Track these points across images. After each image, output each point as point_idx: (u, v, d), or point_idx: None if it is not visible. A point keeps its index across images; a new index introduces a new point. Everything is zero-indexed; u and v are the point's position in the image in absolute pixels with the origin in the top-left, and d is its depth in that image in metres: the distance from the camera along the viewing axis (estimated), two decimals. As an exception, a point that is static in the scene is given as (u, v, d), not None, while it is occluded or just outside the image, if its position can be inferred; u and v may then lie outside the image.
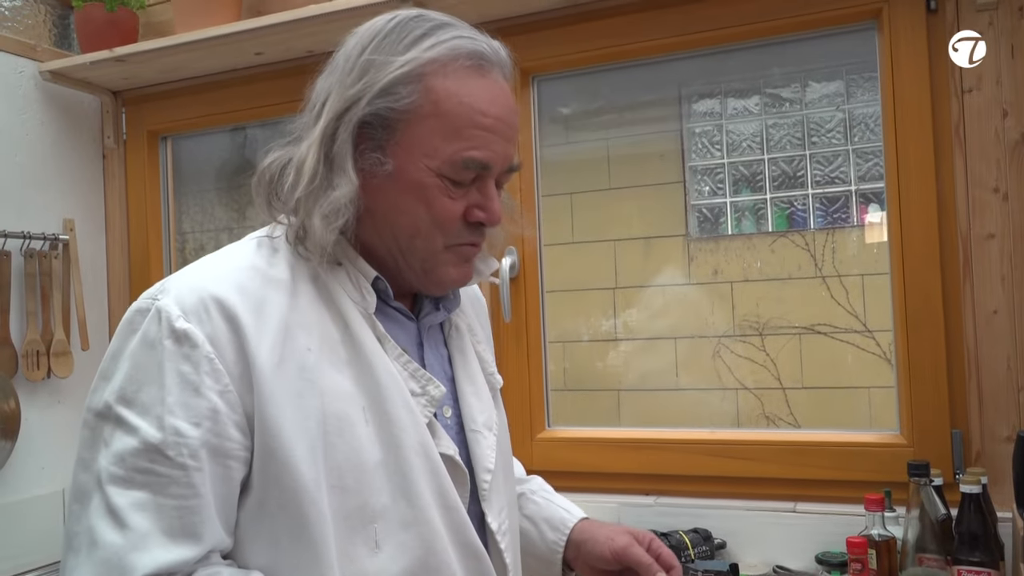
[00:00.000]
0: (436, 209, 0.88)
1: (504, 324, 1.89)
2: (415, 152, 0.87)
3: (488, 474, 0.96)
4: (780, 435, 1.78)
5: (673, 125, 2.31)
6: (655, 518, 1.71)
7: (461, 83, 0.87)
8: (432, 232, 0.89)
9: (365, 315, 0.90)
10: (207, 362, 0.80)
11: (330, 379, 0.85)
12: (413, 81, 0.86)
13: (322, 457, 0.82)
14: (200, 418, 0.79)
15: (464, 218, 0.90)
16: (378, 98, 0.86)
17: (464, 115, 0.87)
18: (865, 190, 2.15)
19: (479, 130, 0.87)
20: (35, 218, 2.08)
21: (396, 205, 0.89)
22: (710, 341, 2.23)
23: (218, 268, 0.87)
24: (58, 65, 2.10)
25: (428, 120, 0.87)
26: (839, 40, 1.80)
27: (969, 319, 1.54)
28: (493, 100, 0.88)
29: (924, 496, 1.40)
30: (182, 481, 0.78)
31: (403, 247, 0.91)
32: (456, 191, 0.89)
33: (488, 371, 1.05)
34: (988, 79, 1.53)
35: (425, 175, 0.87)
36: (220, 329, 0.82)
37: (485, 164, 0.88)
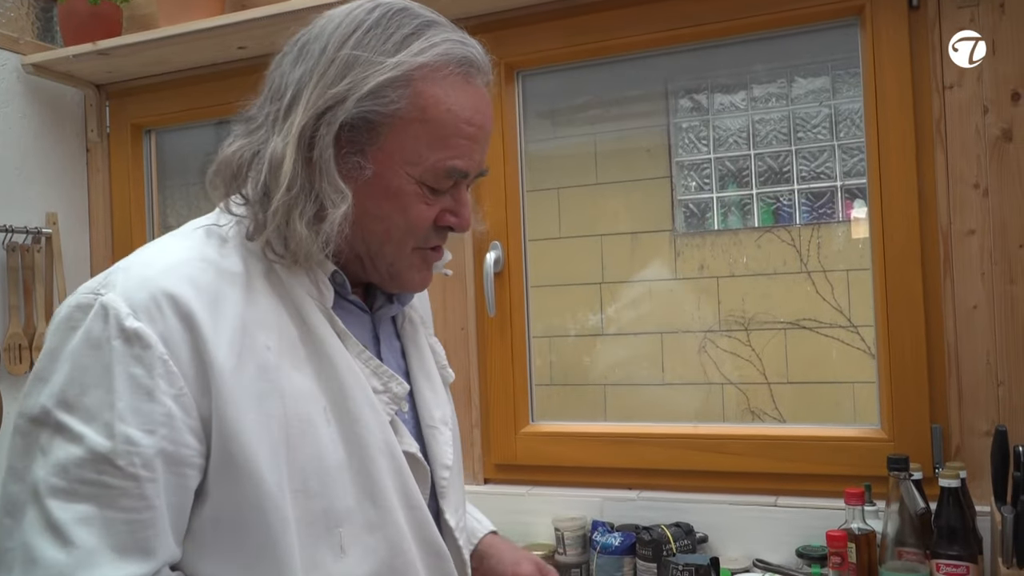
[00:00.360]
0: (412, 216, 0.87)
1: (488, 318, 1.89)
2: (397, 158, 0.85)
3: (446, 471, 0.95)
4: (762, 429, 1.79)
5: (660, 120, 2.31)
6: (638, 512, 1.72)
7: (449, 90, 0.85)
8: (403, 238, 0.88)
9: (323, 310, 0.87)
10: (161, 364, 0.75)
11: (290, 379, 0.81)
12: (402, 85, 0.83)
13: (285, 461, 0.79)
14: (155, 424, 0.74)
15: (435, 222, 0.89)
16: (365, 100, 0.82)
17: (451, 124, 0.85)
18: (851, 185, 2.15)
19: (463, 139, 0.86)
20: (18, 212, 2.07)
21: (371, 210, 0.86)
22: (696, 336, 2.23)
23: (167, 259, 0.81)
24: (41, 58, 2.09)
25: (414, 126, 0.84)
26: (824, 36, 1.80)
27: (949, 314, 1.55)
28: (477, 109, 0.87)
29: (904, 490, 1.41)
30: (134, 493, 0.73)
31: (373, 251, 0.89)
32: (432, 198, 0.87)
33: (441, 364, 1.03)
34: (969, 76, 1.53)
35: (406, 182, 0.85)
36: (174, 328, 0.76)
37: (465, 172, 0.88)
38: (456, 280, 1.93)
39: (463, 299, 1.92)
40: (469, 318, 1.92)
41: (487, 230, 1.90)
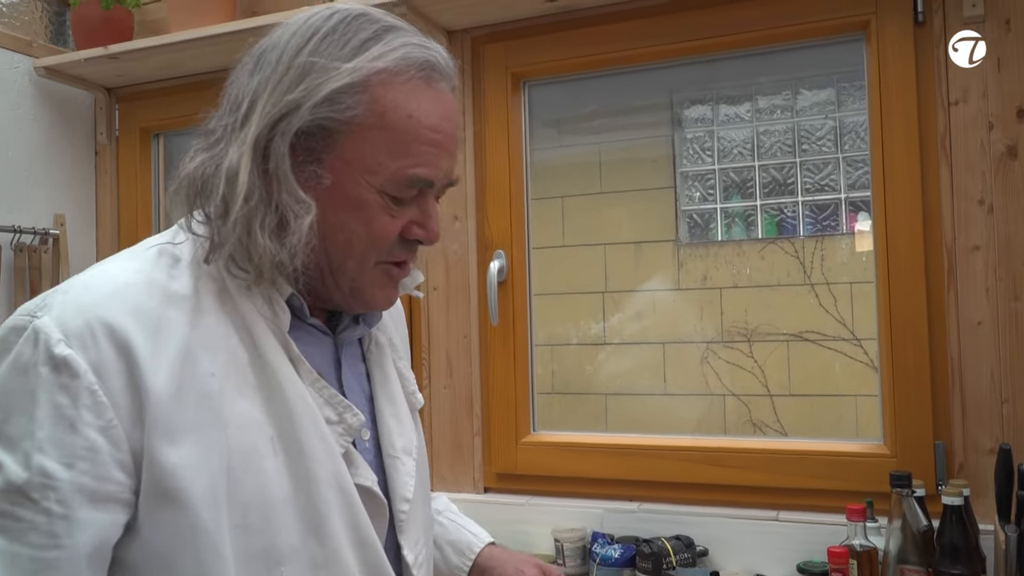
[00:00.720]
0: (375, 228, 0.82)
1: (491, 327, 1.89)
2: (356, 167, 0.81)
3: (406, 504, 0.89)
4: (764, 443, 1.79)
5: (664, 131, 2.31)
6: (638, 524, 1.71)
7: (410, 95, 0.81)
8: (367, 251, 0.83)
9: (278, 334, 0.82)
10: (88, 394, 0.71)
11: (235, 407, 0.77)
12: (359, 91, 0.80)
13: (224, 494, 0.74)
14: (74, 458, 0.70)
15: (401, 235, 0.84)
16: (320, 107, 0.79)
17: (412, 130, 0.81)
18: (855, 198, 2.15)
19: (426, 146, 0.82)
20: (26, 212, 2.09)
21: (332, 222, 0.82)
22: (698, 347, 2.23)
23: (110, 284, 0.77)
24: (53, 61, 2.11)
25: (372, 133, 0.80)
26: (830, 49, 1.80)
27: (953, 330, 1.55)
28: (442, 115, 0.83)
29: (906, 507, 1.41)
30: (43, 529, 0.69)
31: (334, 266, 0.84)
32: (396, 209, 0.83)
33: (409, 390, 0.98)
34: (975, 91, 1.53)
35: (366, 191, 0.81)
36: (108, 357, 0.72)
37: (430, 182, 0.83)
38: (460, 288, 1.94)
39: (466, 307, 1.93)
40: (472, 326, 1.92)
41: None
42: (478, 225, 1.93)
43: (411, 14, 1.77)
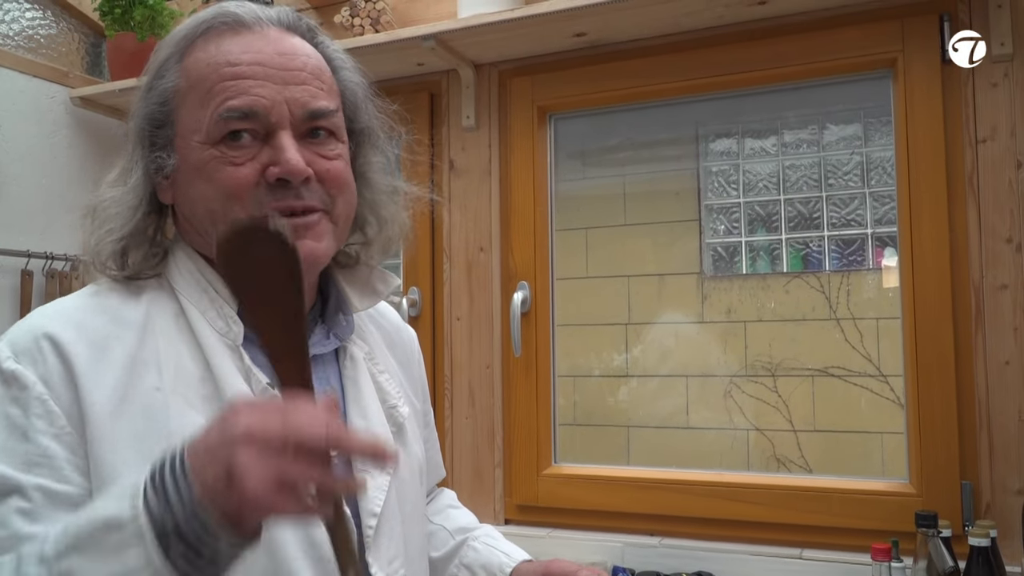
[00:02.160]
0: (219, 181, 0.80)
1: (514, 358, 1.90)
2: (186, 135, 0.82)
3: (373, 519, 0.85)
4: (787, 480, 1.77)
5: (690, 164, 2.32)
6: (659, 559, 1.70)
7: (210, 47, 0.83)
8: (228, 209, 0.81)
9: (232, 347, 0.82)
10: (38, 403, 0.74)
11: (183, 419, 0.77)
12: (171, 68, 0.83)
13: None
14: (30, 464, 0.72)
15: (265, 181, 0.81)
16: (148, 98, 0.84)
17: (212, 74, 0.81)
18: (881, 233, 2.14)
19: (230, 80, 0.81)
20: (58, 239, 2.13)
21: (190, 197, 0.83)
22: (722, 380, 2.21)
23: (61, 306, 0.82)
24: (88, 91, 2.16)
25: (187, 96, 0.83)
26: (857, 84, 1.80)
27: (980, 369, 1.53)
28: (245, 49, 0.82)
29: (932, 547, 1.39)
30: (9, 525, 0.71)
31: (214, 238, 0.81)
32: (239, 155, 0.81)
33: (390, 404, 0.94)
34: (1003, 130, 1.53)
35: (200, 151, 0.81)
36: (54, 369, 0.75)
37: (247, 111, 0.80)
38: (483, 319, 1.95)
39: (489, 338, 1.94)
40: (495, 357, 1.93)
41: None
42: (502, 256, 1.94)
43: (440, 48, 1.80)
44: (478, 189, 1.97)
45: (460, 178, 1.99)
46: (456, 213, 1.99)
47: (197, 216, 0.84)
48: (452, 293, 1.97)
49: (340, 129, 0.88)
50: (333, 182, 0.85)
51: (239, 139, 0.81)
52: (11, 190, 2.04)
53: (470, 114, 1.96)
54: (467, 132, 1.98)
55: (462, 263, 1.97)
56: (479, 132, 1.97)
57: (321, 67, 0.87)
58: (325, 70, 0.88)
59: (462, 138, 1.99)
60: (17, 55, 2.08)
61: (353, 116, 0.92)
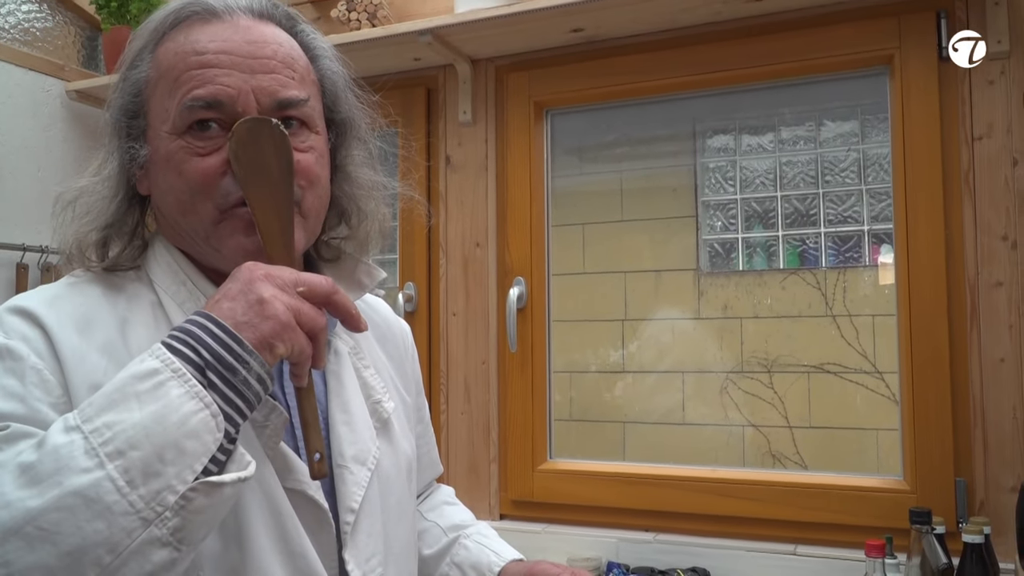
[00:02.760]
0: (186, 172, 0.79)
1: (509, 353, 1.90)
2: (156, 125, 0.82)
3: (351, 514, 0.84)
4: (782, 476, 1.78)
5: (687, 160, 2.31)
6: (654, 555, 1.70)
7: (180, 37, 0.82)
8: (195, 200, 0.80)
9: None
10: (34, 373, 0.73)
11: None
12: (144, 58, 0.83)
13: None
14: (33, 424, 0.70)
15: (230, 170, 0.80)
16: (123, 89, 0.84)
17: (179, 63, 0.80)
18: (878, 230, 2.14)
19: (196, 69, 0.80)
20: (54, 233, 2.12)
21: (161, 188, 0.82)
22: (718, 377, 2.21)
23: (44, 292, 0.81)
24: (84, 85, 2.16)
25: (157, 86, 0.82)
26: (854, 81, 1.80)
27: (975, 367, 1.53)
28: (212, 37, 0.81)
29: (926, 544, 1.39)
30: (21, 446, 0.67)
31: (186, 231, 0.82)
32: (204, 145, 0.80)
33: (373, 399, 0.93)
34: (999, 127, 1.53)
35: (168, 142, 0.80)
36: (41, 346, 0.75)
37: (212, 100, 0.79)
38: (479, 314, 1.95)
39: (485, 333, 1.94)
40: (490, 352, 1.93)
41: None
42: (498, 251, 1.94)
43: (436, 43, 1.80)
44: (474, 184, 1.97)
45: (456, 173, 1.99)
46: (452, 208, 1.98)
47: (167, 206, 0.83)
48: (448, 288, 1.97)
49: (312, 120, 0.86)
50: (303, 174, 0.83)
51: (206, 129, 0.80)
52: (6, 183, 2.03)
53: (467, 109, 1.96)
54: (464, 127, 1.98)
55: (458, 258, 1.97)
56: (475, 127, 1.97)
57: (293, 55, 0.85)
58: (299, 58, 0.86)
59: (458, 133, 1.99)
60: (13, 48, 2.07)
61: (333, 107, 0.90)
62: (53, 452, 0.63)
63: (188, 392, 0.65)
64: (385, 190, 0.96)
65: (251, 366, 0.68)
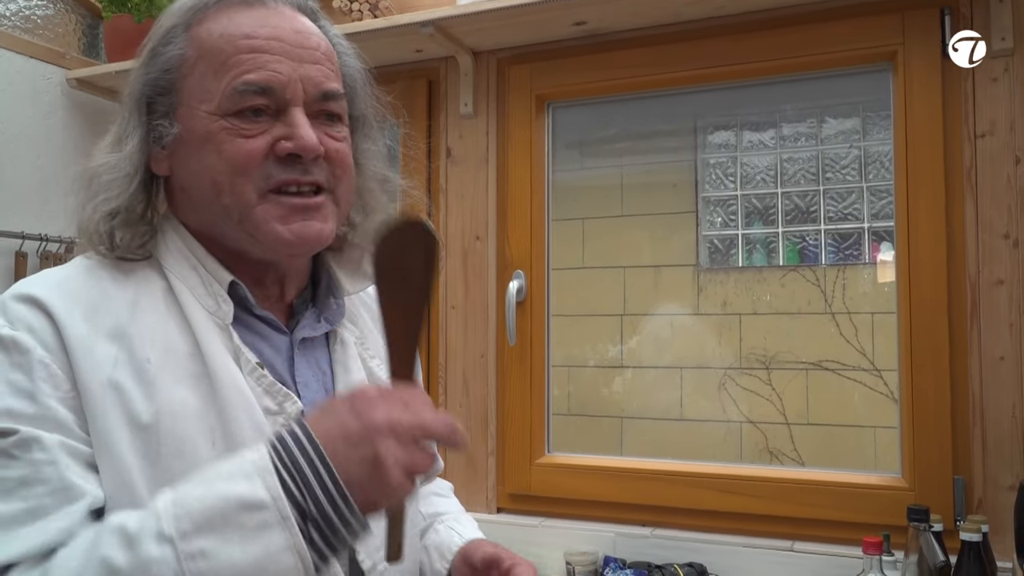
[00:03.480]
0: (229, 153, 0.80)
1: (508, 347, 1.89)
2: (193, 104, 0.81)
3: None
4: (780, 472, 1.77)
5: (687, 155, 2.31)
6: (651, 550, 1.70)
7: (222, 19, 0.82)
8: (235, 182, 0.80)
9: (221, 326, 0.81)
10: (41, 367, 0.73)
11: (171, 394, 0.76)
12: (178, 36, 0.83)
13: (154, 482, 0.73)
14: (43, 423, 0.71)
15: (275, 155, 0.81)
16: (150, 64, 0.83)
17: (227, 46, 0.81)
18: (878, 228, 2.14)
19: (247, 53, 0.80)
20: (53, 221, 2.12)
21: (194, 169, 0.82)
22: (716, 373, 2.21)
23: (49, 277, 0.80)
24: (85, 73, 2.15)
25: (197, 67, 0.82)
26: (856, 78, 1.80)
27: (975, 365, 1.53)
28: (261, 23, 0.82)
29: (923, 542, 1.39)
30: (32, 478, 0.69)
31: (218, 214, 0.82)
32: (250, 127, 0.80)
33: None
34: (1002, 125, 1.53)
35: (209, 122, 0.80)
36: (48, 335, 0.74)
37: (264, 86, 0.80)
38: (478, 307, 1.94)
39: (484, 327, 1.93)
40: (489, 346, 1.92)
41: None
42: (498, 245, 1.94)
43: (438, 34, 1.79)
44: (475, 177, 1.96)
45: (457, 166, 1.98)
46: (453, 201, 1.98)
47: (199, 187, 0.82)
48: (448, 281, 1.97)
49: (345, 113, 0.88)
50: (340, 163, 0.85)
51: (257, 115, 0.81)
52: (6, 171, 2.03)
53: (468, 102, 1.95)
54: (465, 120, 1.97)
55: (458, 251, 1.97)
56: (477, 120, 1.96)
57: (331, 50, 0.87)
58: (333, 53, 0.88)
59: (459, 126, 1.98)
60: (14, 35, 2.07)
61: (351, 102, 0.91)
62: (142, 566, 0.63)
63: (290, 545, 0.64)
64: (392, 185, 0.98)
65: (352, 527, 0.67)
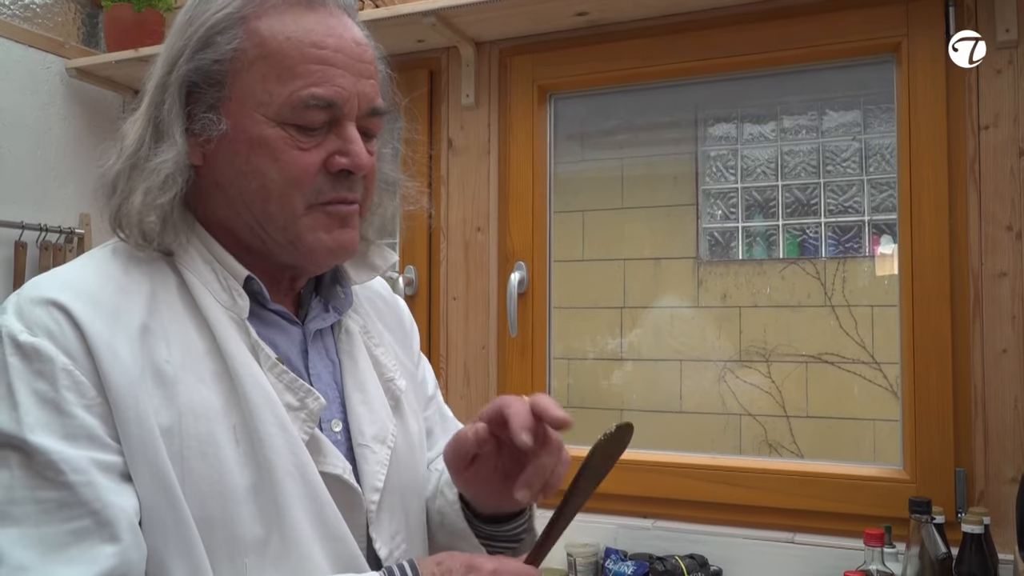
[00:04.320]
0: (285, 163, 0.78)
1: (509, 338, 1.89)
2: (248, 103, 0.79)
3: (376, 493, 0.84)
4: (781, 464, 1.78)
5: (688, 148, 2.31)
6: (652, 542, 1.70)
7: (287, 19, 0.79)
8: (286, 192, 0.79)
9: (238, 321, 0.80)
10: (65, 375, 0.71)
11: (192, 394, 0.75)
12: (234, 26, 0.79)
13: (179, 483, 0.72)
14: (71, 437, 0.70)
15: (326, 169, 0.80)
16: (200, 52, 0.79)
17: (294, 52, 0.78)
18: (879, 221, 2.14)
19: (316, 64, 0.78)
20: (52, 211, 2.11)
21: (240, 169, 0.79)
22: (716, 365, 2.21)
23: (64, 276, 0.77)
24: (84, 63, 2.14)
25: (256, 65, 0.78)
26: (858, 70, 1.79)
27: (977, 357, 1.53)
28: (328, 32, 0.80)
29: (925, 534, 1.39)
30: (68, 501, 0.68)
31: (259, 217, 0.80)
32: (307, 140, 0.79)
33: (387, 377, 0.92)
34: (1005, 117, 1.52)
35: (265, 127, 0.78)
36: (72, 340, 0.72)
37: (331, 101, 0.78)
38: (479, 298, 1.94)
39: (485, 318, 1.93)
40: (491, 337, 1.92)
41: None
42: (499, 236, 1.93)
43: (440, 24, 1.79)
44: (476, 168, 1.96)
45: (458, 157, 1.98)
46: (454, 192, 1.97)
47: (241, 188, 0.80)
48: (449, 272, 1.97)
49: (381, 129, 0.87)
50: (372, 177, 0.85)
51: (314, 126, 0.79)
52: (5, 161, 2.02)
53: (470, 92, 1.95)
54: (466, 110, 1.97)
55: (459, 242, 1.96)
56: (478, 111, 1.96)
57: (377, 63, 0.85)
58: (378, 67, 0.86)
59: (461, 116, 1.98)
60: (13, 24, 2.05)
61: None
62: None
63: None
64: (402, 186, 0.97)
65: None
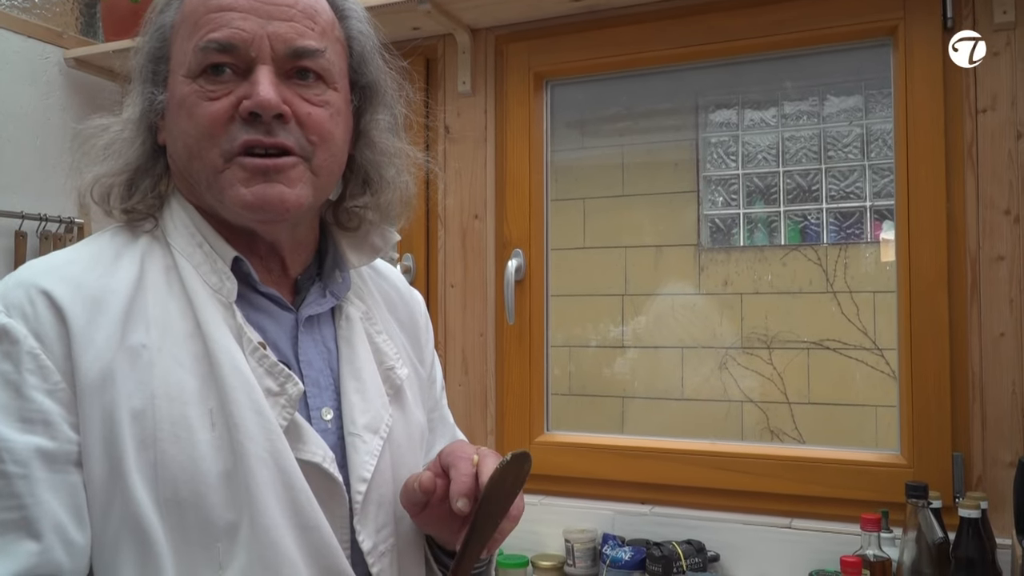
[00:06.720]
0: (197, 116, 0.78)
1: (507, 326, 1.89)
2: (175, 69, 0.81)
3: (362, 484, 0.82)
4: (778, 450, 1.78)
5: (688, 134, 2.30)
6: (650, 527, 1.71)
7: None
8: (202, 145, 0.79)
9: (225, 304, 0.80)
10: (30, 358, 0.72)
11: (168, 377, 0.75)
12: (172, 5, 0.83)
13: (151, 466, 0.72)
14: (24, 422, 0.71)
15: (239, 115, 0.78)
16: (149, 35, 0.84)
17: (200, 7, 0.80)
18: (880, 206, 2.12)
19: (214, 12, 0.79)
20: (52, 201, 2.12)
21: (172, 134, 0.82)
22: (717, 352, 2.21)
23: (53, 261, 0.79)
24: (82, 52, 2.14)
25: (179, 31, 0.82)
26: (857, 55, 1.78)
27: (975, 341, 1.53)
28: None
29: (922, 518, 1.39)
30: (2, 492, 0.69)
31: (193, 178, 0.82)
32: (216, 89, 0.79)
33: (386, 365, 0.90)
34: (1003, 100, 1.51)
35: (182, 86, 0.80)
36: (47, 323, 0.73)
37: (228, 43, 0.78)
38: (477, 286, 1.94)
39: (483, 306, 1.93)
40: (488, 325, 1.92)
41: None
42: (497, 223, 1.93)
43: (435, 11, 1.78)
44: (473, 155, 1.95)
45: (455, 144, 1.97)
46: (451, 179, 1.97)
47: (178, 152, 0.82)
48: (446, 260, 1.97)
49: (331, 75, 0.84)
50: (313, 127, 0.81)
51: (220, 73, 0.79)
52: (5, 151, 2.02)
53: (466, 79, 1.94)
54: (463, 98, 1.96)
55: (456, 230, 1.96)
56: (475, 98, 1.95)
57: (317, 8, 0.84)
58: (323, 12, 0.84)
59: (457, 104, 1.97)
60: (11, 15, 2.06)
61: (359, 69, 0.88)
62: None
63: None
64: (408, 158, 0.95)
65: None
